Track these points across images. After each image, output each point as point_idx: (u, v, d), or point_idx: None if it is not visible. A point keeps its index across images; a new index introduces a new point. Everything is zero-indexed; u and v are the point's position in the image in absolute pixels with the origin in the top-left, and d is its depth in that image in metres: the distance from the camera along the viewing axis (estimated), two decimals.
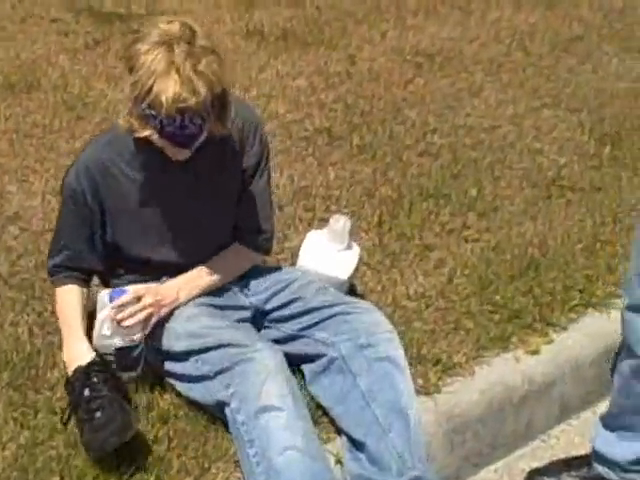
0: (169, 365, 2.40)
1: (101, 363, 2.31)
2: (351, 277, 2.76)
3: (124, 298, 2.29)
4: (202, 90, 2.08)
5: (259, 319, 2.52)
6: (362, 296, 2.88)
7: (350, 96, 4.27)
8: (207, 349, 2.30)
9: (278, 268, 2.66)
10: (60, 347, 2.45)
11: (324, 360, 2.41)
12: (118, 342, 2.33)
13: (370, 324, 2.41)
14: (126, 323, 2.28)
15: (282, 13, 5.30)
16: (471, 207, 3.44)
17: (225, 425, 2.28)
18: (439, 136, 3.97)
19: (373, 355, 2.35)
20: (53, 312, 2.58)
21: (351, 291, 2.86)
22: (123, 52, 2.31)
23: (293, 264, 2.82)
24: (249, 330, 2.42)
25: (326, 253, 2.71)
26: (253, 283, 2.55)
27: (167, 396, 2.42)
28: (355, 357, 2.36)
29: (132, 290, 2.31)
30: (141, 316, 2.29)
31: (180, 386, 2.39)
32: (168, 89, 2.06)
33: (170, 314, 2.40)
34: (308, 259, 2.72)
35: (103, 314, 2.31)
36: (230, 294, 2.51)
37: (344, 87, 4.37)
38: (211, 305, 2.45)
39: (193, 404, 2.38)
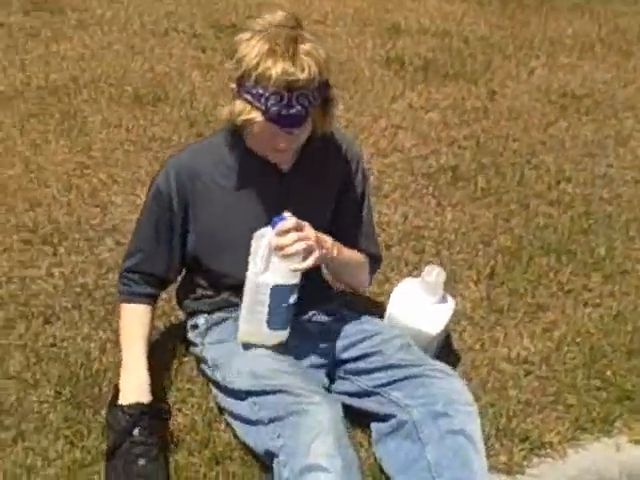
0: (227, 402, 2.27)
1: (158, 408, 2.20)
2: (442, 333, 2.52)
3: (288, 223, 2.08)
4: (310, 67, 2.00)
5: (334, 368, 2.36)
6: (457, 353, 2.66)
7: (484, 135, 4.03)
8: (265, 392, 2.14)
9: (363, 317, 2.46)
10: None
11: (393, 421, 2.22)
12: (274, 279, 2.10)
13: (450, 391, 2.20)
14: (288, 250, 2.08)
15: (427, 42, 5.11)
16: (597, 267, 3.14)
17: None
18: (574, 185, 3.68)
19: (447, 426, 2.13)
20: None
21: (448, 345, 2.65)
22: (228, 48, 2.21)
23: None
24: (312, 378, 2.24)
25: (417, 305, 2.49)
26: (334, 328, 2.38)
27: (225, 435, 2.28)
28: (427, 424, 2.15)
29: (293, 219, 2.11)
30: (303, 245, 2.09)
31: (236, 426, 2.25)
32: (276, 64, 1.98)
33: (235, 351, 2.26)
34: (397, 309, 2.50)
35: (261, 244, 2.10)
36: (308, 337, 2.35)
37: (479, 125, 4.13)
38: (284, 346, 2.28)
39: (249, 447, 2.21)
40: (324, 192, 2.35)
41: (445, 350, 2.63)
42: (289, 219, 2.10)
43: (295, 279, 2.13)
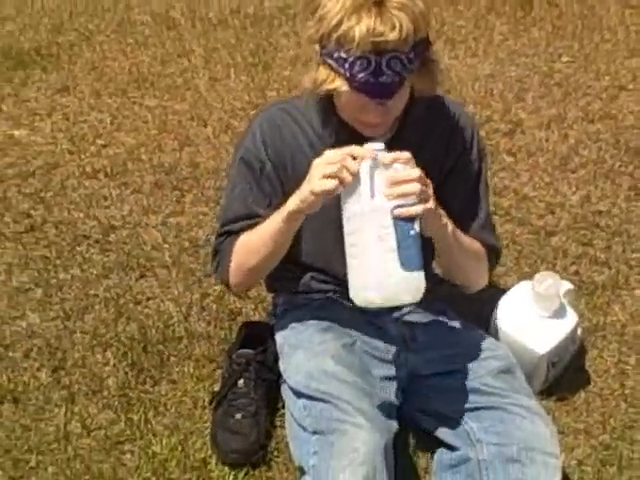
0: (287, 395, 2.02)
1: (270, 358, 2.09)
2: (559, 353, 2.11)
3: (400, 154, 1.69)
4: (403, 24, 1.62)
5: (414, 382, 2.03)
6: (587, 375, 2.24)
7: None
8: (314, 398, 1.89)
9: (464, 324, 2.11)
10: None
11: (457, 454, 1.91)
12: (392, 201, 1.66)
13: (531, 435, 1.82)
14: (402, 188, 1.67)
15: None
16: None
17: None
18: None
19: (517, 475, 1.78)
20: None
21: (578, 364, 2.25)
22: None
23: None
24: (371, 394, 1.92)
25: (526, 317, 2.10)
26: (423, 337, 2.05)
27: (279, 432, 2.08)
28: (494, 468, 1.81)
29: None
30: (416, 187, 1.68)
31: (289, 424, 1.99)
32: (361, 22, 1.62)
33: (301, 343, 2.01)
34: (503, 318, 2.13)
35: (370, 173, 1.67)
36: (388, 342, 2.04)
37: None
38: (356, 348, 2.00)
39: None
40: (426, 171, 1.87)
41: (571, 371, 2.23)
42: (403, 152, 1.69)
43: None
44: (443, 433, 1.97)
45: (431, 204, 1.72)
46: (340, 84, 1.70)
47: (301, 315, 2.07)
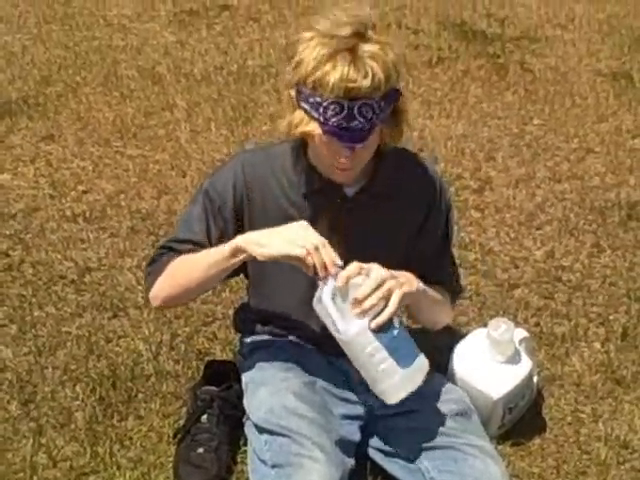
0: (249, 431, 2.07)
1: (233, 395, 2.16)
2: (514, 398, 2.18)
3: (352, 268, 1.81)
4: (375, 73, 1.72)
5: (372, 422, 2.10)
6: (543, 423, 2.30)
7: None
8: (274, 433, 1.95)
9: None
10: None
11: None
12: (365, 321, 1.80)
13: (482, 474, 1.90)
14: (365, 306, 1.79)
15: None
16: None
17: None
18: None
19: None
20: None
21: (536, 411, 2.32)
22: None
23: None
24: (330, 430, 1.98)
25: (482, 361, 2.17)
26: None
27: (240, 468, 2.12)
28: None
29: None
30: (378, 296, 1.80)
31: (250, 459, 2.04)
32: (335, 68, 1.72)
33: (265, 380, 2.06)
34: (458, 364, 2.20)
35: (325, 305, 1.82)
36: (347, 385, 2.11)
37: None
38: (317, 387, 2.07)
39: None
40: (395, 222, 2.05)
41: (528, 417, 2.29)
42: (351, 265, 1.81)
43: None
44: (398, 471, 2.03)
45: (397, 293, 1.81)
46: (314, 127, 1.79)
47: (266, 355, 2.14)
